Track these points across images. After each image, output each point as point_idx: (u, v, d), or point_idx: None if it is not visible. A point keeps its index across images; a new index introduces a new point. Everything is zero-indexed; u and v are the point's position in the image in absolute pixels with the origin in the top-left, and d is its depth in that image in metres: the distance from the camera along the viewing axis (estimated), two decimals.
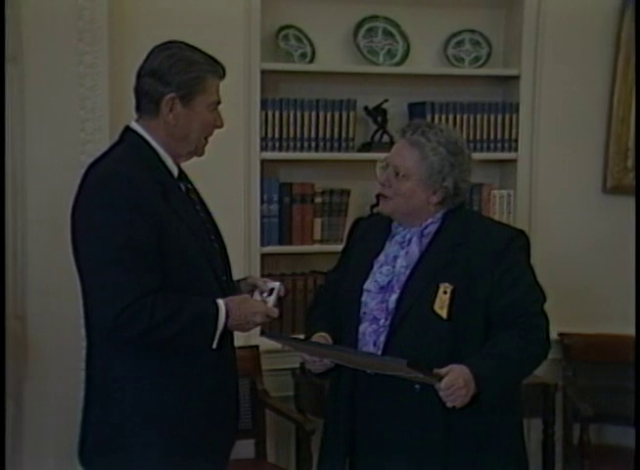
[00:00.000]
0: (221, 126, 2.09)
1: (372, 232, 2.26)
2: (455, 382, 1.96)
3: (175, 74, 2.00)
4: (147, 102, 2.03)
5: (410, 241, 2.18)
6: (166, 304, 1.92)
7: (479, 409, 2.02)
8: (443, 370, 1.97)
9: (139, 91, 2.05)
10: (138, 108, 2.06)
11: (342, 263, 2.31)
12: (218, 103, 2.07)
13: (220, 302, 1.98)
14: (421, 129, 2.15)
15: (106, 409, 2.01)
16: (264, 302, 2.08)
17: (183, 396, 1.99)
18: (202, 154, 2.10)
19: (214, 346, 1.98)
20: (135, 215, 1.91)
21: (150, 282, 1.91)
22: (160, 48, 2.05)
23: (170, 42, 2.06)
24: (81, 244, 1.98)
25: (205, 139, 2.08)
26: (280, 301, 2.11)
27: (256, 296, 2.10)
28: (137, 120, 2.06)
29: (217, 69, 2.06)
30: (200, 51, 2.06)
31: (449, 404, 1.99)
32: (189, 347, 1.99)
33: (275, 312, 2.05)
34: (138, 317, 1.89)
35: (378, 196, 2.29)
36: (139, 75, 2.05)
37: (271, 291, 2.09)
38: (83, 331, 2.06)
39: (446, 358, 2.01)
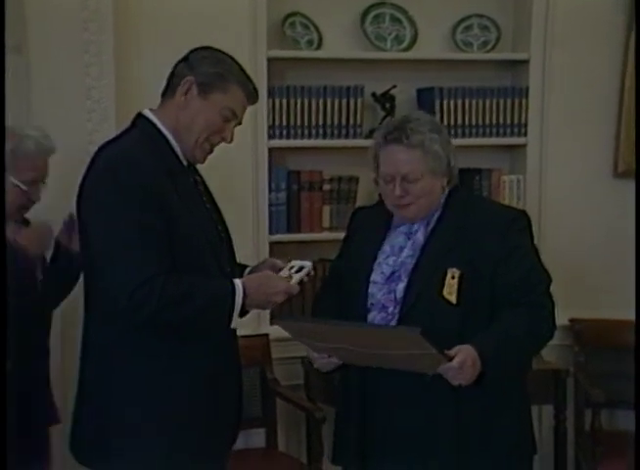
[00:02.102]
0: (228, 142, 2.08)
1: (372, 222, 2.25)
2: (465, 361, 1.96)
3: (203, 64, 2.03)
4: (171, 83, 2.06)
5: (417, 231, 2.18)
6: (180, 283, 1.91)
7: (483, 388, 2.01)
8: (452, 351, 1.96)
9: (170, 75, 2.08)
10: (164, 92, 2.08)
11: (345, 253, 2.30)
12: (235, 115, 2.06)
13: (237, 281, 1.97)
14: (408, 128, 2.11)
15: (101, 401, 2.01)
16: (290, 277, 2.04)
17: (183, 385, 1.99)
18: (202, 161, 2.09)
19: (234, 325, 1.97)
20: (145, 198, 1.91)
21: (161, 262, 1.91)
22: (207, 46, 2.09)
23: (221, 50, 2.09)
24: (90, 226, 1.98)
25: (210, 147, 2.07)
26: (303, 280, 2.08)
27: (285, 272, 2.07)
28: (152, 109, 2.07)
29: (247, 85, 2.06)
30: (240, 66, 2.07)
31: (455, 383, 1.98)
32: (206, 328, 1.98)
33: (296, 289, 2.03)
34: (152, 295, 1.88)
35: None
36: (176, 63, 2.08)
37: (300, 269, 2.07)
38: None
39: (457, 343, 2.00)
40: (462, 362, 1.95)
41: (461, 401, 2.07)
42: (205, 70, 2.02)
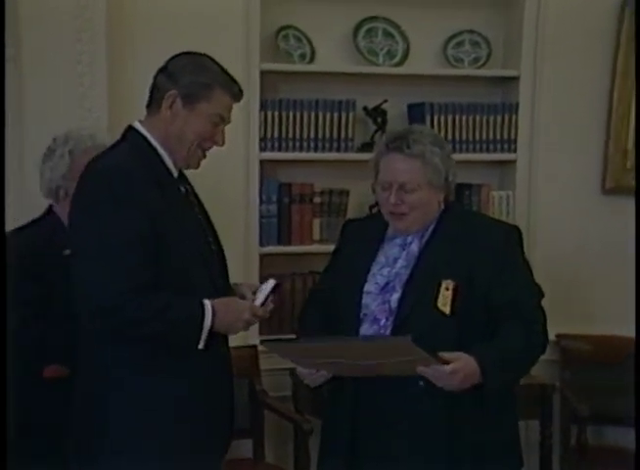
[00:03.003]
0: (221, 145, 2.09)
1: (364, 234, 2.26)
2: (458, 372, 1.96)
3: (184, 74, 2.03)
4: (154, 97, 2.06)
5: (412, 243, 2.19)
6: (152, 301, 1.92)
7: (480, 399, 2.03)
8: (452, 356, 1.96)
9: (152, 86, 2.08)
10: (148, 104, 2.08)
11: (335, 266, 2.31)
12: (223, 119, 2.06)
13: (207, 302, 1.98)
14: (410, 138, 2.14)
15: (92, 408, 2.02)
16: (253, 300, 2.07)
17: (173, 397, 2.00)
18: (196, 166, 2.10)
19: (201, 346, 1.97)
20: (131, 211, 1.92)
21: (139, 277, 1.92)
22: (185, 52, 2.09)
23: (198, 52, 2.09)
24: (75, 236, 1.99)
25: (203, 152, 2.08)
26: (274, 296, 2.10)
27: (249, 295, 2.10)
28: (141, 121, 2.08)
29: (231, 87, 2.06)
30: (221, 67, 2.07)
31: (439, 384, 1.97)
32: (175, 346, 1.98)
33: (260, 311, 2.05)
34: (122, 310, 1.90)
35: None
36: (157, 73, 2.08)
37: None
38: None
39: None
40: (455, 370, 1.95)
41: (454, 415, 2.08)
42: (187, 81, 2.02)
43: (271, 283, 2.09)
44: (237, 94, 2.09)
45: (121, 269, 1.90)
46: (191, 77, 2.02)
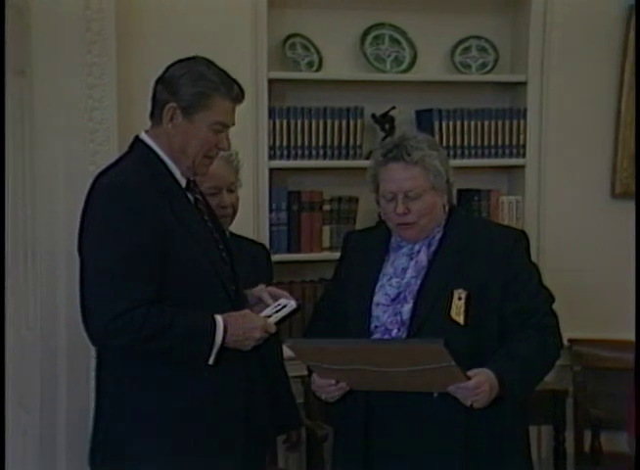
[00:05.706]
0: (227, 150, 2.08)
1: (369, 245, 2.25)
2: (483, 384, 1.97)
3: (181, 85, 2.01)
4: (154, 108, 2.06)
5: (419, 252, 2.18)
6: (160, 316, 1.92)
7: (497, 409, 2.03)
8: (470, 372, 1.98)
9: (152, 98, 2.08)
10: (151, 115, 2.09)
11: (339, 279, 2.29)
12: (226, 125, 2.04)
13: (218, 317, 1.97)
14: (407, 145, 2.13)
15: (111, 418, 2.03)
16: (269, 316, 2.05)
17: (185, 408, 2.00)
18: (204, 173, 2.09)
19: (211, 362, 1.97)
20: (136, 226, 1.92)
21: (144, 292, 1.92)
22: (181, 60, 2.07)
23: (194, 57, 2.07)
24: (82, 251, 2.00)
25: (208, 159, 2.06)
26: (290, 316, 2.09)
27: (267, 311, 2.08)
28: (147, 131, 2.08)
29: (231, 91, 2.03)
30: (219, 69, 2.04)
31: (467, 403, 1.99)
32: (184, 361, 1.98)
33: (273, 328, 2.03)
34: (128, 327, 1.90)
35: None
36: (155, 83, 2.08)
37: (283, 307, 2.08)
38: None
39: (466, 364, 2.01)
40: (479, 384, 1.96)
41: (470, 421, 2.08)
42: (185, 92, 1.99)
43: (292, 305, 2.07)
44: (238, 97, 2.05)
45: (124, 287, 1.90)
46: (188, 88, 2.00)
